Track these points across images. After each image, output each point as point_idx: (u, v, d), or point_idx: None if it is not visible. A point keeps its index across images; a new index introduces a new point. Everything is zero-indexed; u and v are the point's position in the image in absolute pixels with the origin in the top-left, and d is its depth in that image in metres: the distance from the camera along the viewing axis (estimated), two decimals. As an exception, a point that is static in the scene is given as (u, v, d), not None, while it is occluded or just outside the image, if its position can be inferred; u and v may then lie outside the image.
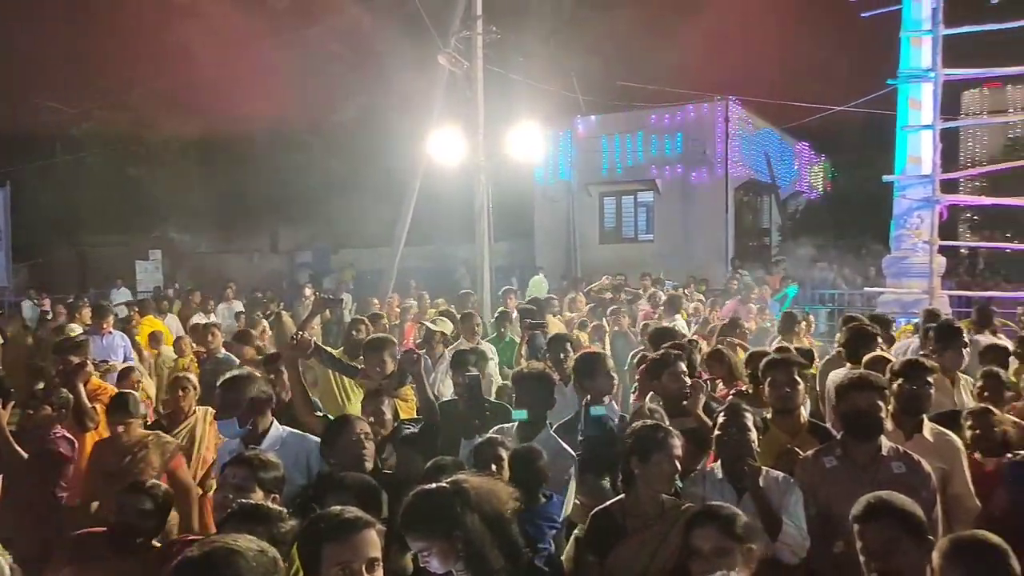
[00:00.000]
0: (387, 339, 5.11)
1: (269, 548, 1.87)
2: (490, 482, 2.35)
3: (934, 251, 10.78)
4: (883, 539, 2.43)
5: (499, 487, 2.37)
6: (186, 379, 5.23)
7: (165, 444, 4.43)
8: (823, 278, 17.39)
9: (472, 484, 2.30)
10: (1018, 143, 23.90)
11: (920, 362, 3.89)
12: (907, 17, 11.35)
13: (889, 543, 2.42)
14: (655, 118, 19.55)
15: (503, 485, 2.38)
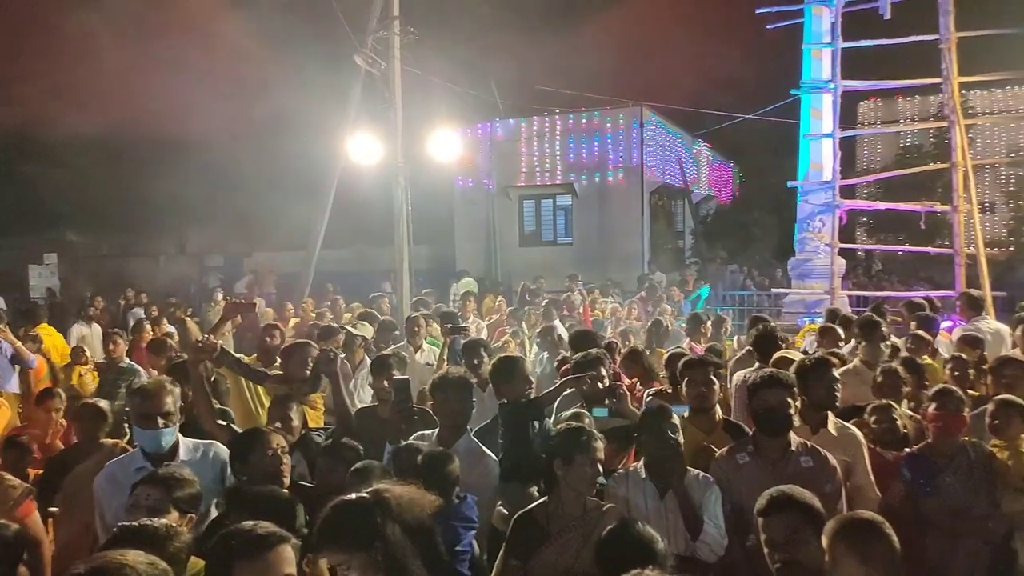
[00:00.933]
0: (306, 343, 4.96)
1: (159, 562, 1.79)
2: (412, 490, 2.29)
3: (834, 253, 11.33)
4: (785, 531, 2.54)
5: (422, 495, 2.31)
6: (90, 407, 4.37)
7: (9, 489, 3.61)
8: (733, 280, 18.04)
9: (394, 493, 2.23)
10: (909, 151, 25.49)
11: (826, 360, 4.06)
12: (808, 31, 11.92)
13: (791, 534, 2.52)
14: (573, 123, 19.86)
15: (426, 492, 2.32)
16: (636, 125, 19.48)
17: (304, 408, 4.36)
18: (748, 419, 3.77)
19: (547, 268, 16.33)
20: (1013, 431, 3.79)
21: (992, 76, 11.44)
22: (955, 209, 10.70)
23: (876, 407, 4.13)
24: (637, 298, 11.82)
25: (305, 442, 4.01)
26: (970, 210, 10.69)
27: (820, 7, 11.69)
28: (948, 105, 10.93)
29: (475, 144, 19.85)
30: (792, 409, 3.40)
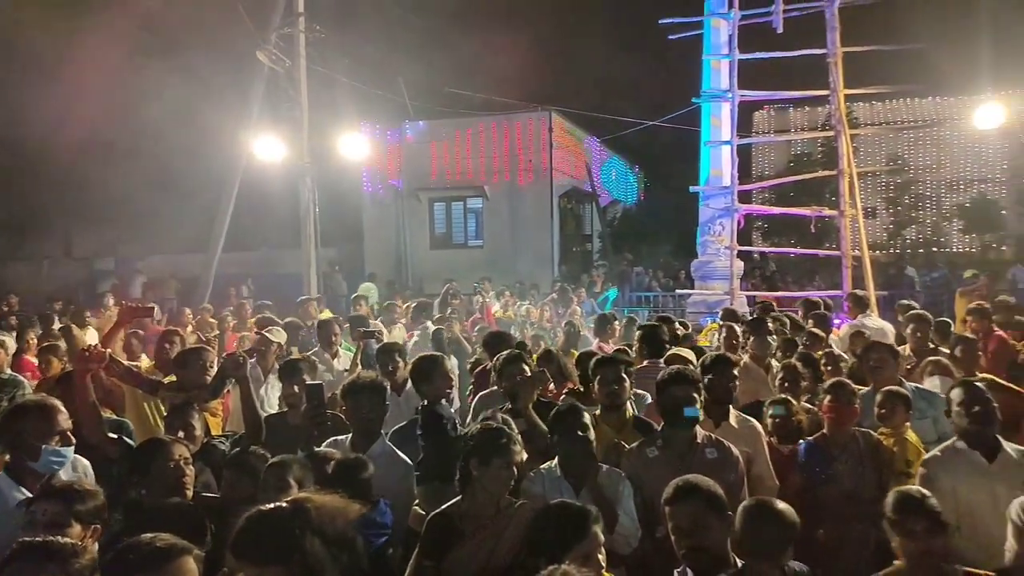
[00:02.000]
0: (203, 348, 4.76)
1: None
2: (335, 499, 2.21)
3: (733, 256, 11.84)
4: (691, 518, 2.66)
5: (345, 504, 2.24)
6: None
7: None
8: (639, 281, 18.54)
9: (315, 503, 2.15)
10: (800, 159, 26.93)
11: (726, 356, 4.25)
12: (707, 42, 12.42)
13: (696, 521, 2.65)
14: (483, 125, 19.92)
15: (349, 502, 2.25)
16: (545, 128, 19.75)
17: (205, 416, 4.18)
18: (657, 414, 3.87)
19: (458, 271, 16.30)
20: (897, 419, 4.06)
21: (874, 89, 12.25)
22: (842, 214, 11.39)
23: (774, 401, 4.34)
24: (548, 300, 11.97)
25: (208, 451, 3.85)
26: (855, 215, 11.40)
27: (718, 20, 12.19)
28: (835, 116, 11.63)
29: (384, 145, 19.62)
30: (698, 404, 3.53)
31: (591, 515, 2.62)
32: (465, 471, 3.09)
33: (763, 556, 2.54)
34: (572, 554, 2.53)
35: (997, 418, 3.47)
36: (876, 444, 3.93)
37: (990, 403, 3.50)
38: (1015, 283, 13.51)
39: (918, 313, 6.13)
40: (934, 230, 29.17)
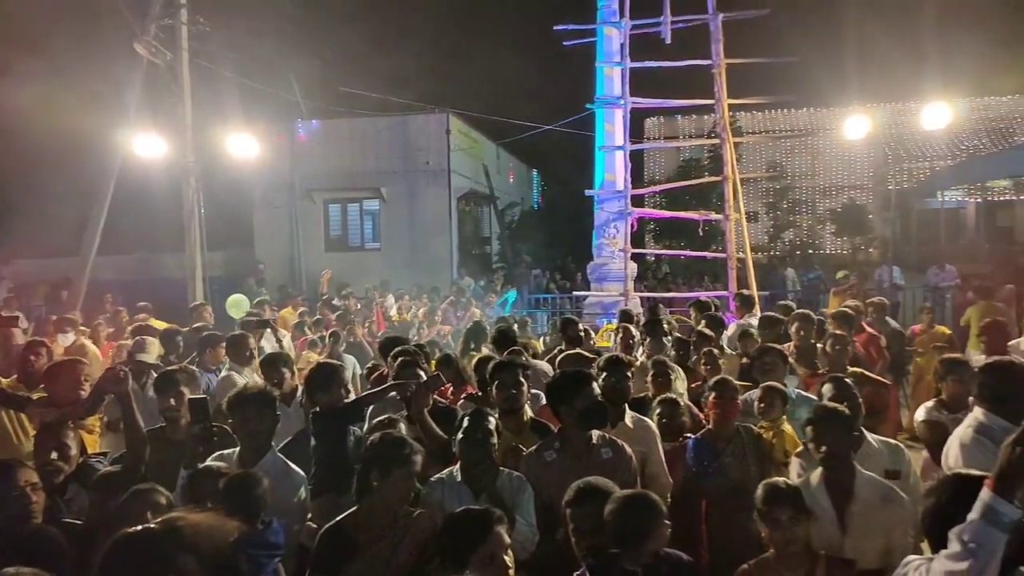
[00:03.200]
0: (76, 361, 4.43)
1: None
2: (209, 516, 2.09)
3: (627, 258, 12.18)
4: (592, 519, 2.72)
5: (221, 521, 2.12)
6: None
7: None
8: (538, 283, 18.78)
9: (188, 521, 2.03)
10: (689, 165, 28.05)
11: (620, 358, 4.35)
12: (600, 49, 12.73)
13: (596, 521, 2.70)
14: (379, 126, 19.62)
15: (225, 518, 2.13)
16: (443, 130, 19.68)
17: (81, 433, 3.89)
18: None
19: (355, 274, 15.98)
20: (775, 413, 4.29)
21: (755, 100, 12.92)
22: (727, 218, 11.94)
23: (661, 400, 4.49)
24: (446, 303, 11.92)
25: (84, 471, 3.58)
26: (739, 218, 11.98)
27: (611, 28, 12.51)
28: (720, 124, 12.19)
29: (276, 145, 18.93)
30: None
31: (494, 516, 2.62)
32: (364, 481, 3.00)
33: (633, 543, 2.61)
34: (476, 556, 2.52)
35: (862, 411, 3.72)
36: (757, 437, 4.13)
37: (856, 397, 3.77)
38: (881, 282, 14.57)
39: (802, 312, 6.49)
40: (810, 233, 31.12)
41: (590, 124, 13.58)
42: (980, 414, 3.57)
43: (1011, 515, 1.94)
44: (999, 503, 1.95)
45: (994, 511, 1.96)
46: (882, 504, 3.17)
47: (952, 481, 2.33)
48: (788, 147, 32.71)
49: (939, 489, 2.32)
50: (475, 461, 3.35)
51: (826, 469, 3.27)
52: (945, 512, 2.23)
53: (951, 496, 2.25)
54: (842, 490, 3.21)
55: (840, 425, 3.28)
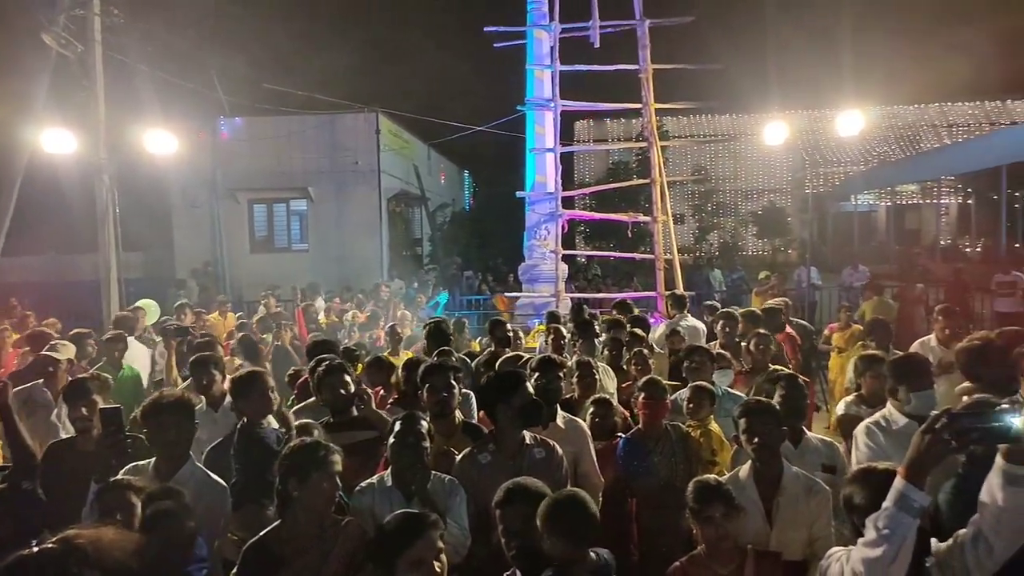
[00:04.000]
0: None
1: None
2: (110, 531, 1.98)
3: (558, 259, 12.28)
4: (521, 520, 2.71)
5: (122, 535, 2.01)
6: None
7: None
8: (469, 285, 18.73)
9: (87, 538, 1.91)
10: (618, 167, 28.54)
11: (553, 359, 4.37)
12: (530, 52, 12.80)
13: (526, 522, 2.70)
14: (307, 125, 19.18)
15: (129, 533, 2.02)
16: (372, 130, 19.41)
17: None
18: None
19: (281, 276, 15.55)
20: (703, 412, 4.38)
21: (681, 105, 13.23)
22: (655, 220, 12.18)
23: (595, 400, 4.53)
24: (372, 306, 11.73)
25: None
26: (666, 220, 12.24)
27: (541, 31, 12.60)
28: (647, 128, 12.43)
29: (197, 143, 18.26)
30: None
31: (427, 520, 2.58)
32: (283, 492, 2.90)
33: (568, 543, 2.62)
34: (405, 559, 2.48)
35: (807, 409, 3.88)
36: (685, 436, 4.20)
37: (805, 396, 3.97)
38: (799, 282, 15.15)
39: (727, 311, 6.66)
40: (733, 235, 32.11)
41: (521, 126, 13.64)
42: (887, 408, 3.75)
43: (921, 502, 2.05)
44: (910, 490, 2.06)
45: (906, 498, 2.06)
46: (806, 496, 3.27)
47: (862, 474, 2.43)
48: (712, 151, 33.69)
49: (852, 481, 2.41)
50: (407, 465, 3.29)
51: (757, 462, 3.35)
52: (856, 503, 2.34)
53: (861, 487, 2.35)
54: (770, 483, 3.31)
55: (771, 418, 3.38)
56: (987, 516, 2.17)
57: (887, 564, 2.07)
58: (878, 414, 3.78)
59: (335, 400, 4.12)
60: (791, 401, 3.87)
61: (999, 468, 2.13)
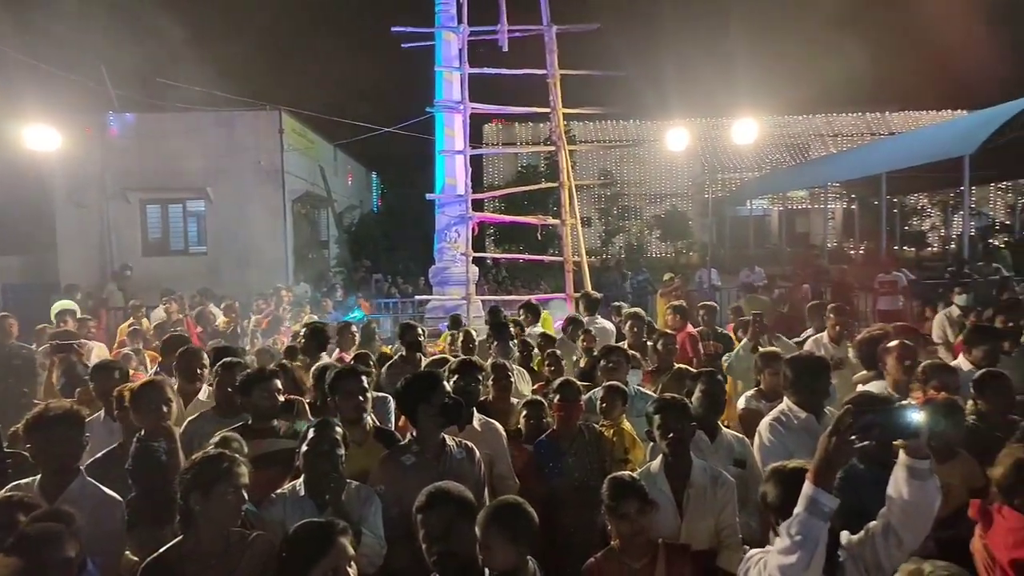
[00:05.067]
0: None
1: None
2: None
3: (469, 262, 12.26)
4: (443, 524, 2.68)
5: None
6: None
7: None
8: (379, 288, 18.44)
9: None
10: (527, 171, 28.82)
11: (472, 361, 4.38)
12: (439, 53, 12.73)
13: (448, 526, 2.67)
14: (204, 122, 18.37)
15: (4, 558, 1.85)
16: (275, 129, 18.80)
17: None
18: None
19: (177, 280, 14.81)
20: (616, 412, 4.46)
21: (588, 110, 13.49)
22: (563, 223, 12.36)
23: (527, 403, 4.56)
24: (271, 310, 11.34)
25: None
26: (574, 223, 12.44)
27: (449, 33, 12.56)
28: (555, 132, 12.60)
29: (83, 139, 17.16)
30: None
31: (337, 528, 2.50)
32: (185, 507, 2.75)
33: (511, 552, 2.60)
34: (316, 570, 2.40)
35: (724, 405, 4.02)
36: (599, 435, 4.27)
37: (723, 392, 4.11)
38: (701, 283, 15.73)
39: (634, 311, 6.83)
40: (638, 238, 33.02)
41: (430, 128, 13.56)
42: (785, 403, 3.94)
43: (830, 505, 2.14)
44: (820, 494, 2.14)
45: (816, 503, 2.14)
46: (713, 487, 3.41)
47: (774, 473, 2.53)
48: (618, 156, 34.55)
49: (766, 480, 2.52)
50: (321, 473, 3.19)
51: (670, 456, 3.44)
52: (770, 500, 2.42)
53: (773, 485, 2.45)
54: (680, 476, 3.41)
55: (684, 414, 3.48)
56: (895, 510, 2.28)
57: (802, 569, 2.14)
58: (777, 409, 3.96)
59: (265, 407, 3.96)
60: (711, 397, 4.01)
61: (903, 463, 2.26)
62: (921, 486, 2.22)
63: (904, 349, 4.34)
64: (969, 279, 11.79)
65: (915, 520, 2.26)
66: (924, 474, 2.22)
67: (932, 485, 2.25)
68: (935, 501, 2.27)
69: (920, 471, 2.22)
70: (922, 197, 33.50)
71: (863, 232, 31.50)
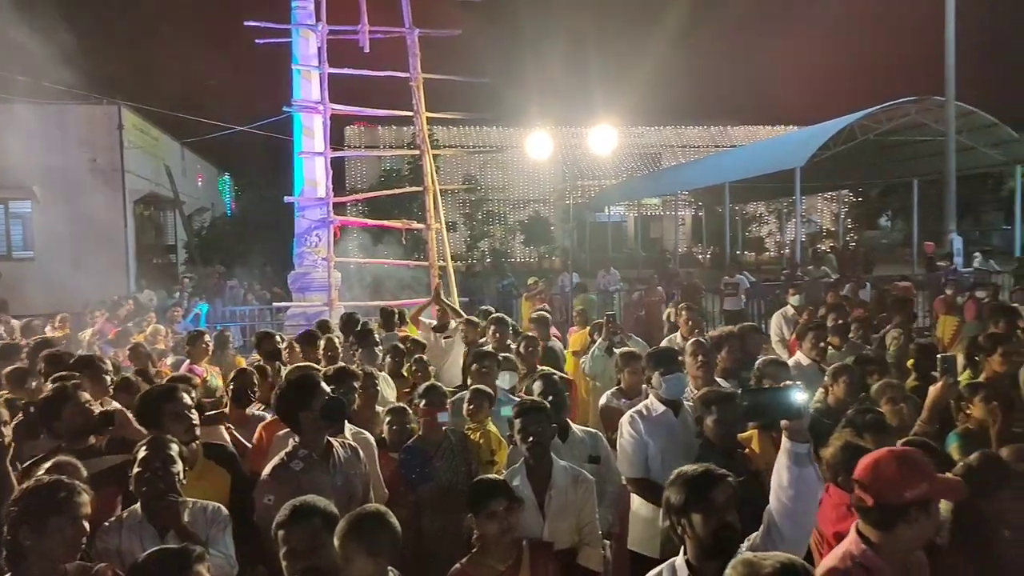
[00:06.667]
0: None
1: None
2: None
3: (331, 267, 11.90)
4: (307, 538, 2.57)
5: None
6: None
7: None
8: (234, 295, 17.51)
9: None
10: (390, 174, 28.48)
11: (348, 369, 4.29)
12: (296, 51, 12.29)
13: (312, 541, 2.56)
14: (31, 116, 16.66)
15: None
16: (114, 125, 17.41)
17: None
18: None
19: (3, 288, 13.37)
20: (482, 415, 4.47)
21: (451, 114, 13.49)
22: (428, 227, 12.29)
23: (390, 410, 4.47)
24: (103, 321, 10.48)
25: None
26: (440, 228, 12.40)
27: (307, 30, 12.16)
28: (419, 136, 12.51)
29: None
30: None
31: (191, 555, 2.32)
32: (13, 543, 2.45)
33: (370, 562, 2.52)
34: None
35: (567, 404, 4.10)
36: (464, 439, 4.27)
37: (562, 392, 4.19)
38: (563, 287, 16.19)
39: (498, 316, 6.89)
40: (502, 243, 33.50)
41: (288, 128, 13.06)
42: (650, 398, 4.13)
43: None
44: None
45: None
46: (574, 486, 3.49)
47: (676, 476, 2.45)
48: (482, 162, 34.93)
49: (668, 484, 2.45)
50: (157, 495, 2.95)
51: (531, 459, 3.48)
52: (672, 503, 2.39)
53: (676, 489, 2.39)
54: (542, 478, 3.46)
55: (544, 417, 3.53)
56: (776, 500, 2.34)
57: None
58: (640, 404, 4.14)
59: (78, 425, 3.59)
60: (552, 397, 4.08)
61: (785, 448, 2.33)
62: (801, 473, 2.28)
63: (698, 347, 4.63)
64: (801, 281, 12.87)
65: (795, 508, 2.30)
66: (804, 459, 2.29)
67: (811, 472, 2.31)
68: (816, 490, 2.33)
69: (800, 456, 2.29)
70: (760, 205, 36.39)
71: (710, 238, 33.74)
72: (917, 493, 2.19)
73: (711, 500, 2.31)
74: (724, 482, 2.35)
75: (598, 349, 6.29)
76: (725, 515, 2.31)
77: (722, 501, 2.32)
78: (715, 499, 2.32)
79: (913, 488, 2.19)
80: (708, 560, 2.31)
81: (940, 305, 9.12)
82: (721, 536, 2.30)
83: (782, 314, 8.28)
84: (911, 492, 2.19)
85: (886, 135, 20.17)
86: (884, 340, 7.01)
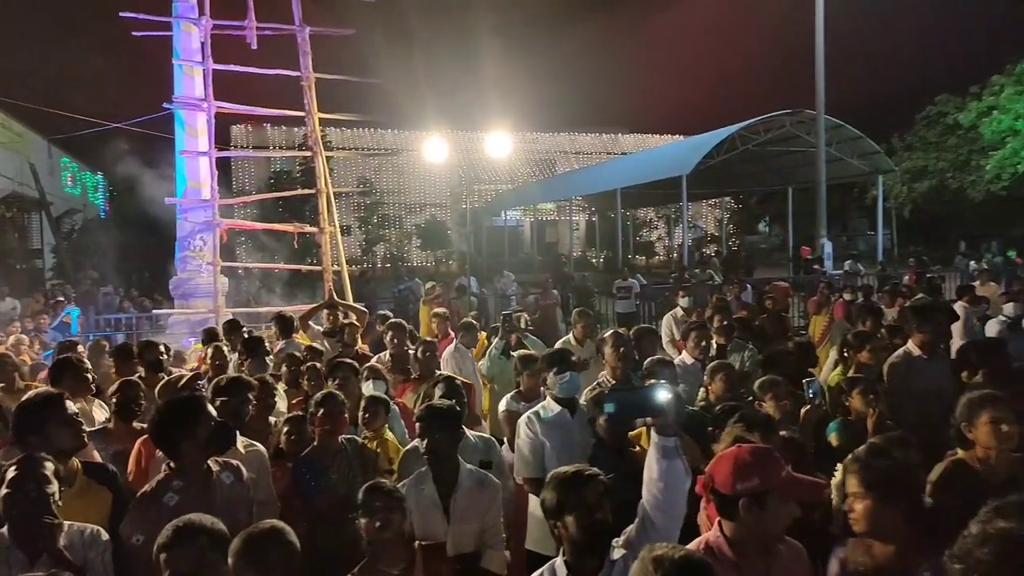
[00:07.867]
0: None
1: None
2: None
3: (217, 272, 11.38)
4: (192, 561, 2.42)
5: None
6: None
7: None
8: (108, 302, 16.43)
9: None
10: (280, 176, 27.56)
11: (243, 379, 4.14)
12: (177, 46, 11.69)
13: (200, 563, 2.43)
14: None
15: None
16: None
17: None
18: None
19: None
20: (379, 423, 4.39)
21: (344, 116, 13.17)
22: (322, 231, 11.96)
23: (288, 419, 4.37)
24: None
25: None
26: (333, 232, 12.10)
27: (189, 24, 11.60)
28: (311, 137, 12.16)
29: None
30: None
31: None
32: None
33: None
34: None
35: (468, 409, 4.17)
36: (361, 448, 4.17)
37: (463, 396, 4.29)
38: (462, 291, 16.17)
39: (395, 322, 6.80)
40: (398, 247, 33.14)
41: (169, 125, 12.40)
42: (547, 399, 4.19)
43: None
44: None
45: None
46: (479, 490, 3.48)
47: (552, 478, 2.52)
48: (376, 165, 34.41)
49: (545, 486, 2.51)
50: (29, 517, 2.72)
51: (433, 463, 3.44)
52: (547, 505, 2.44)
53: (551, 491, 2.45)
54: (447, 482, 3.43)
55: (446, 422, 3.50)
56: (648, 493, 2.45)
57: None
58: (538, 406, 4.19)
59: None
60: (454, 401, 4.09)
61: (654, 443, 2.45)
62: (669, 465, 2.40)
63: (618, 338, 4.80)
64: (689, 284, 13.43)
65: (666, 500, 2.42)
66: (671, 452, 2.41)
67: (679, 465, 2.44)
68: (684, 481, 2.46)
69: (668, 449, 2.41)
70: (650, 211, 37.77)
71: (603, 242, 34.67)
72: (747, 486, 2.34)
73: (583, 500, 2.38)
74: (594, 481, 2.42)
75: (495, 349, 6.30)
76: (596, 513, 2.37)
77: (594, 500, 2.38)
78: (587, 498, 2.38)
79: (744, 481, 2.35)
80: (583, 558, 2.39)
81: (812, 305, 9.90)
82: (593, 533, 2.37)
83: (672, 315, 8.60)
84: (741, 484, 2.35)
85: (764, 145, 21.43)
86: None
